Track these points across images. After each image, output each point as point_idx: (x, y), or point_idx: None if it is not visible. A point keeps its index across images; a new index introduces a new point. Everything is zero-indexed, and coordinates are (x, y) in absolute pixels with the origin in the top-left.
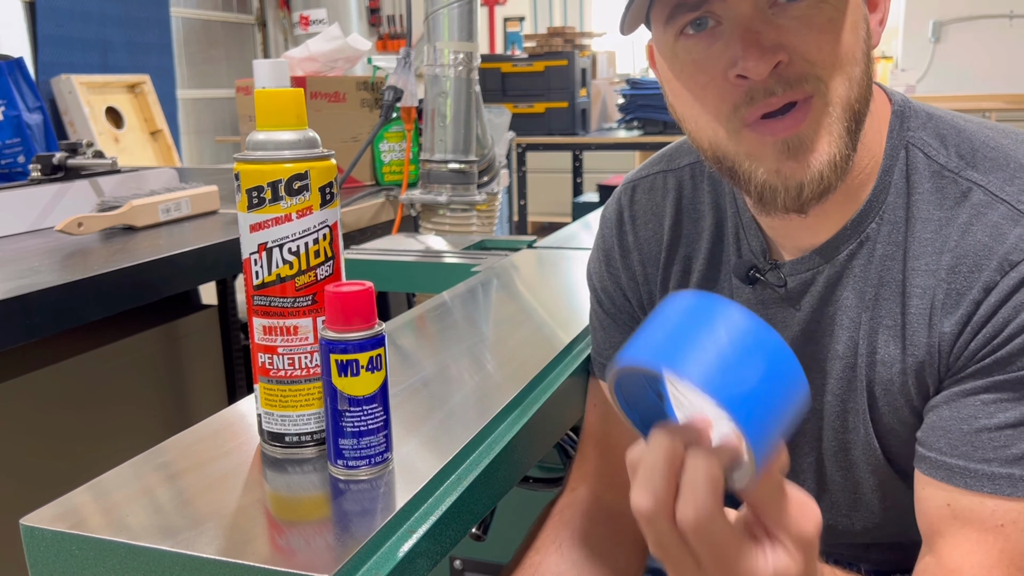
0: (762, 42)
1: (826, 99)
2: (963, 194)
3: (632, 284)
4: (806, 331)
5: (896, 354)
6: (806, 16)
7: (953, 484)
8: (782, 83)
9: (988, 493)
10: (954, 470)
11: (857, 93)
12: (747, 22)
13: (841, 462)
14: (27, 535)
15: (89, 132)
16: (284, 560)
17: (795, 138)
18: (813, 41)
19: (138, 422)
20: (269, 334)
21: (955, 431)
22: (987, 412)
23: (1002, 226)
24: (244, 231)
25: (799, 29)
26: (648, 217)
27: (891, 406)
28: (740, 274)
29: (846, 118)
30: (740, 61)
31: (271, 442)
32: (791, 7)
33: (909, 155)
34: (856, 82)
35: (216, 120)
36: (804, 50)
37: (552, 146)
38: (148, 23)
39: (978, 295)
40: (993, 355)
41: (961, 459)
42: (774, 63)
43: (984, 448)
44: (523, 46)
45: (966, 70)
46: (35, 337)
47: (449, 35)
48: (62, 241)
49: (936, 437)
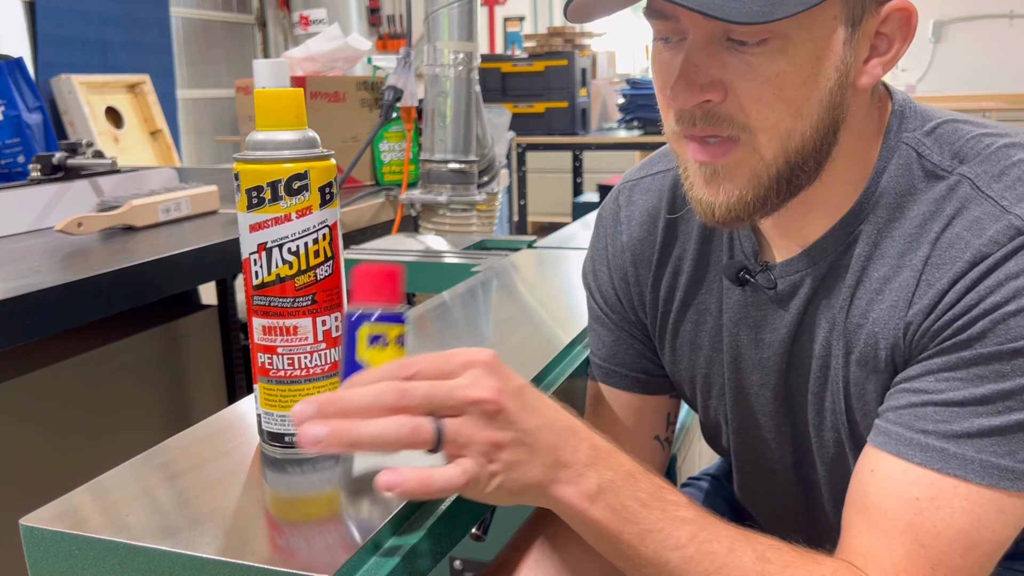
0: (695, 77)
1: (751, 146)
2: (951, 188)
3: (624, 285)
4: (792, 332)
5: (870, 351)
6: (754, 63)
7: (886, 450)
8: (706, 119)
9: (917, 463)
10: (891, 435)
11: (797, 146)
12: (693, 51)
13: (824, 458)
14: (27, 535)
15: (89, 132)
16: (284, 560)
17: (711, 167)
18: (752, 91)
19: (138, 422)
20: (269, 334)
21: (903, 400)
22: (937, 388)
23: (983, 221)
24: (244, 231)
25: (743, 74)
26: (643, 218)
27: (867, 406)
28: (730, 275)
29: (776, 167)
30: (669, 88)
31: (271, 442)
32: (744, 50)
33: (904, 156)
34: (797, 136)
35: (216, 120)
36: (740, 96)
37: (552, 146)
38: (148, 23)
39: (946, 285)
40: (954, 337)
41: (900, 427)
42: (700, 100)
43: (925, 420)
44: (523, 46)
45: (966, 70)
46: (35, 337)
47: (449, 35)
48: (62, 241)
49: (887, 407)
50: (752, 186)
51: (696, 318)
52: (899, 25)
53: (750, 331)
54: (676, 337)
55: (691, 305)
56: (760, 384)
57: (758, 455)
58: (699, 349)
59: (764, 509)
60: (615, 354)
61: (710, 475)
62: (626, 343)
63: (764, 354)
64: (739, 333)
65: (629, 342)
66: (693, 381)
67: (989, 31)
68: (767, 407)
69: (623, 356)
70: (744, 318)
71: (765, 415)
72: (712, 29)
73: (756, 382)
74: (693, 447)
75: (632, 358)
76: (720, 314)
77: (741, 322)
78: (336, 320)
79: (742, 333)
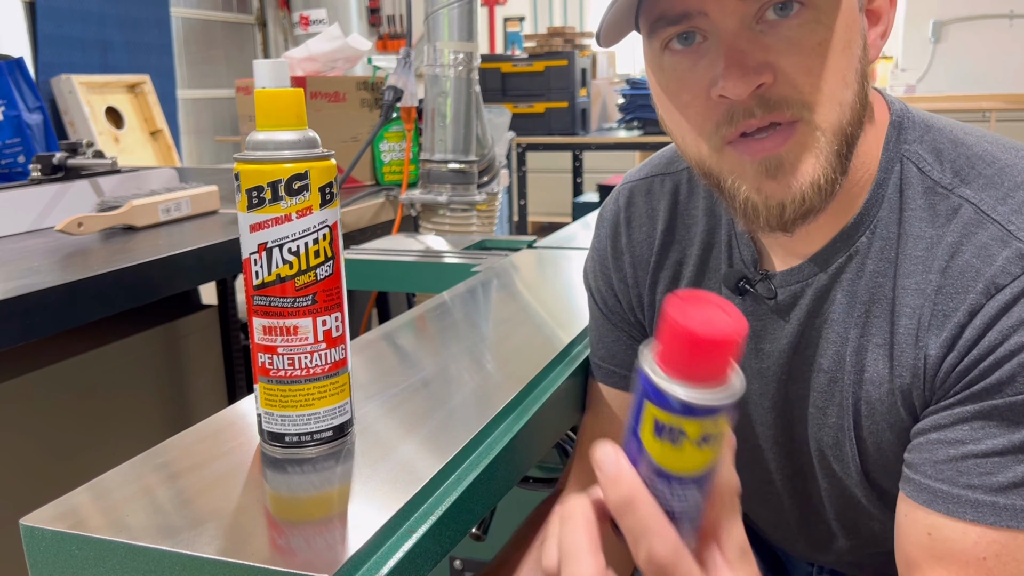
0: (745, 61)
1: (812, 124)
2: (954, 211)
3: (623, 286)
4: (793, 343)
5: (884, 374)
6: (795, 37)
7: (935, 509)
8: (764, 105)
9: (971, 521)
10: (937, 494)
11: (849, 117)
12: (732, 39)
13: (825, 471)
14: (27, 535)
15: (89, 132)
16: (284, 560)
17: (775, 159)
18: (801, 64)
19: (138, 422)
20: (269, 334)
21: (941, 455)
22: (974, 438)
23: (991, 247)
24: (244, 231)
25: (787, 50)
26: (643, 220)
27: (876, 426)
28: (730, 284)
29: (836, 142)
30: (721, 80)
31: (271, 442)
32: (780, 25)
33: (904, 169)
34: (847, 106)
35: (216, 120)
36: (791, 72)
37: (552, 146)
38: (148, 23)
39: (963, 318)
40: (981, 381)
41: (945, 483)
42: (756, 84)
43: (969, 474)
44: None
45: (966, 70)
46: (35, 337)
47: (449, 35)
48: (62, 241)
49: (922, 460)
50: (821, 167)
51: None
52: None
53: (750, 341)
54: None
55: None
56: (759, 394)
57: (756, 465)
58: None
59: (763, 516)
60: (615, 354)
61: None
62: (625, 344)
63: (764, 364)
64: None
65: (628, 343)
66: None
67: (989, 31)
68: (765, 417)
69: (623, 356)
70: None
71: (763, 425)
72: (744, 13)
73: (755, 391)
74: None
75: (632, 359)
76: None
77: None
78: (336, 320)
79: None
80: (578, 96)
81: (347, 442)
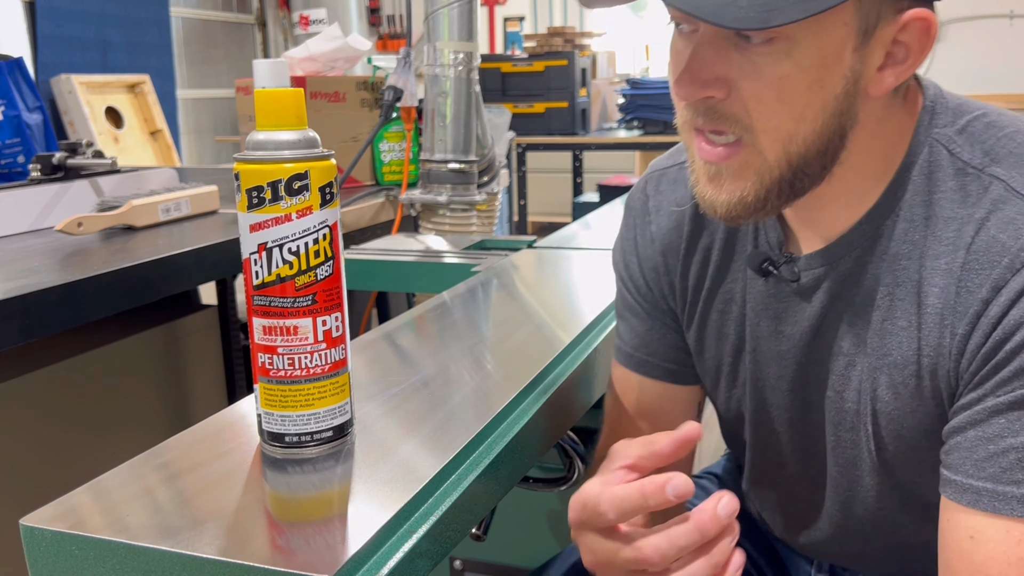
0: (700, 73)
1: (755, 147)
2: (984, 189)
3: (654, 275)
4: (814, 326)
5: (911, 356)
6: (758, 64)
7: (980, 508)
8: (710, 116)
9: (1018, 517)
10: (981, 493)
11: (801, 150)
12: (701, 45)
13: (837, 458)
14: (27, 535)
15: (89, 132)
16: (284, 560)
17: (714, 167)
18: (756, 91)
19: (138, 422)
20: (269, 334)
21: (981, 452)
22: (1013, 430)
23: (1018, 222)
24: (244, 231)
25: (747, 73)
26: (671, 208)
27: (900, 410)
28: (754, 265)
29: (779, 169)
30: (674, 79)
31: (271, 442)
32: (750, 48)
33: (932, 152)
34: (800, 140)
35: (216, 120)
36: (744, 96)
37: (552, 146)
38: (148, 23)
39: (988, 293)
40: (1008, 364)
41: (989, 481)
42: (703, 95)
43: (1013, 469)
44: (523, 46)
45: (966, 70)
46: (35, 337)
47: (449, 35)
48: (62, 241)
49: (961, 459)
50: (753, 188)
51: (723, 307)
52: (918, 34)
53: (771, 322)
54: (704, 326)
55: (717, 294)
56: (777, 376)
57: (769, 448)
58: (726, 338)
59: (770, 504)
60: (647, 343)
61: (713, 474)
62: (659, 332)
63: (783, 346)
64: (760, 323)
65: (662, 331)
66: (718, 371)
67: (989, 31)
68: (782, 400)
69: (655, 345)
70: (765, 309)
71: (780, 408)
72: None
73: (773, 374)
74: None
75: (664, 348)
76: (744, 303)
77: (762, 312)
78: (336, 320)
79: (763, 324)
80: (578, 96)
81: (347, 442)
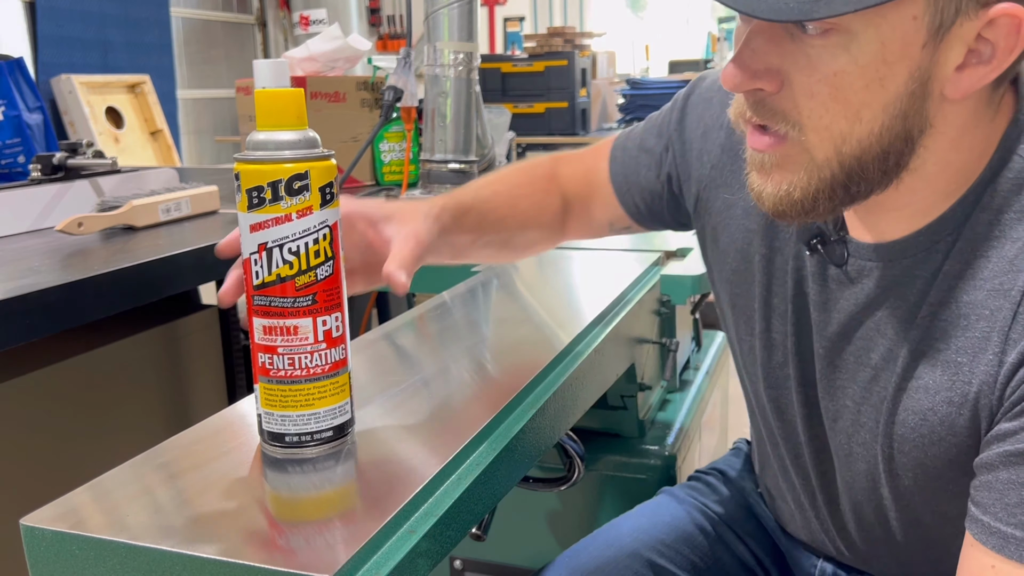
0: (750, 63)
1: (802, 144)
2: None
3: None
4: (844, 328)
5: (943, 382)
6: (813, 57)
7: (1005, 555)
8: (758, 108)
9: None
10: (1009, 539)
11: (855, 151)
12: (753, 35)
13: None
14: (27, 535)
15: (89, 132)
16: (284, 560)
17: (759, 156)
18: (807, 87)
19: (138, 422)
20: (269, 334)
21: (1013, 496)
22: None
23: None
24: (244, 231)
25: (801, 67)
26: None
27: (927, 438)
28: (804, 238)
29: (828, 169)
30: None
31: (271, 442)
32: (806, 40)
33: (1013, 169)
34: (854, 141)
35: (216, 120)
36: (795, 90)
37: (552, 146)
38: (148, 23)
39: None
40: None
41: (1019, 529)
42: (752, 87)
43: None
44: (523, 46)
45: None
46: (35, 337)
47: (449, 35)
48: (62, 241)
49: (992, 500)
50: (800, 184)
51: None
52: (1005, 32)
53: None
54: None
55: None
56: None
57: (786, 440)
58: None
59: (783, 492)
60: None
61: (717, 470)
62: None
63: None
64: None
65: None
66: (750, 317)
67: None
68: (800, 398)
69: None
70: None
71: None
72: None
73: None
74: (693, 447)
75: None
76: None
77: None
78: (336, 320)
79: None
80: (578, 96)
81: (347, 442)
